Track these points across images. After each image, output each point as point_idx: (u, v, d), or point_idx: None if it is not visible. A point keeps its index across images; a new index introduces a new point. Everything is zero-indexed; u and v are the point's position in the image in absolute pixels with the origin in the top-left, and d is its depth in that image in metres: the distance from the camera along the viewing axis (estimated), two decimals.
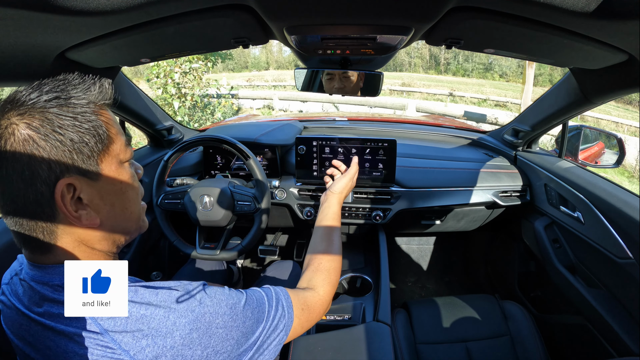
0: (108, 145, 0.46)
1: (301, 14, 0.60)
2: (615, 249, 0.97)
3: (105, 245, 0.48)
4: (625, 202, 0.96)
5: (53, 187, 0.41)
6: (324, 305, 0.70)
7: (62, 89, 0.43)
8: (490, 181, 1.33)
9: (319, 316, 0.68)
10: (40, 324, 0.42)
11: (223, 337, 0.46)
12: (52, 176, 0.41)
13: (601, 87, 0.89)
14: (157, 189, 1.15)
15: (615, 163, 1.20)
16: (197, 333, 0.44)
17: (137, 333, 0.41)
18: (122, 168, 0.49)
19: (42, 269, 0.44)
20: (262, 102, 10.94)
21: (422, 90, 14.59)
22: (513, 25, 0.60)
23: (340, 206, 0.95)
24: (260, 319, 0.53)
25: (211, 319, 0.45)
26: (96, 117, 0.45)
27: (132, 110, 1.22)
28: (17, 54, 0.64)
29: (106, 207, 0.47)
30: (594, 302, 1.05)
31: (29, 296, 0.44)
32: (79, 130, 0.43)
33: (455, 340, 1.14)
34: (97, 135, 0.44)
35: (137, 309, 0.42)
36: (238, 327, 0.48)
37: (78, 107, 0.43)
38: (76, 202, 0.44)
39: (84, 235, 0.46)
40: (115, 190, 0.48)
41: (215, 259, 1.13)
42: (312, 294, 0.69)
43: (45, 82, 0.44)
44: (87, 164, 0.44)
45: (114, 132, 0.47)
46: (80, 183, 0.43)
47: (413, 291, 1.89)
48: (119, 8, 0.51)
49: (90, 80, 0.46)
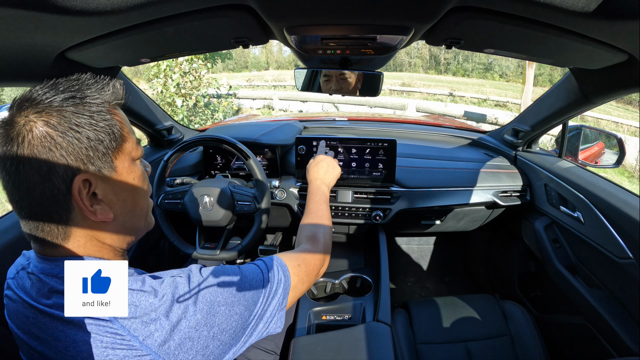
0: (121, 143, 0.48)
1: (301, 14, 0.60)
2: (615, 249, 0.97)
3: (115, 240, 0.50)
4: (625, 202, 0.96)
5: (70, 183, 0.43)
6: (320, 259, 0.72)
7: (77, 89, 0.45)
8: (490, 181, 1.33)
9: (318, 269, 0.71)
10: (49, 315, 0.43)
11: (226, 314, 0.48)
12: (70, 172, 0.43)
13: (601, 87, 0.89)
14: (157, 189, 1.15)
15: (615, 163, 1.20)
16: (201, 314, 0.45)
17: (145, 317, 0.42)
18: (134, 165, 0.51)
19: (52, 261, 0.45)
20: (262, 102, 10.94)
21: (422, 90, 14.59)
22: (513, 25, 0.60)
23: (325, 192, 0.97)
24: (258, 288, 0.54)
25: (212, 298, 0.47)
26: (111, 117, 0.47)
27: (133, 110, 1.22)
28: (17, 54, 0.64)
29: (119, 203, 0.49)
30: (594, 302, 1.05)
31: (37, 288, 0.45)
32: (95, 128, 0.44)
33: (455, 340, 1.14)
34: (112, 133, 0.46)
35: (145, 297, 0.44)
36: (239, 301, 0.50)
37: (94, 106, 0.45)
38: (91, 198, 0.45)
39: (96, 230, 0.47)
40: (127, 186, 0.50)
41: (215, 259, 1.13)
42: (305, 250, 0.72)
43: (59, 81, 0.46)
44: (103, 160, 0.46)
45: (127, 130, 0.49)
46: (96, 179, 0.45)
47: (413, 291, 1.89)
48: (119, 8, 0.51)
49: (103, 81, 0.48)
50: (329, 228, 0.85)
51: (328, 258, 0.78)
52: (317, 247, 0.75)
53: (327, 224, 0.85)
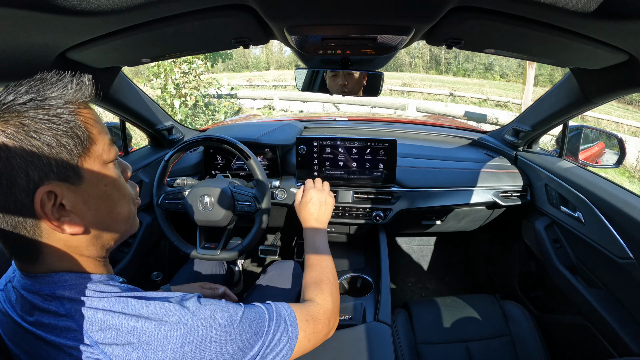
0: (89, 146, 0.43)
1: (301, 14, 0.60)
2: (615, 249, 0.97)
3: (93, 250, 0.47)
4: (625, 202, 0.96)
5: (32, 195, 0.39)
6: (329, 316, 0.68)
7: (37, 90, 0.41)
8: (490, 181, 1.33)
9: (326, 328, 0.66)
10: (32, 334, 0.41)
11: (217, 352, 0.44)
12: (31, 184, 0.39)
13: (601, 87, 0.89)
14: (158, 189, 1.15)
15: (616, 163, 1.20)
16: (189, 347, 0.42)
17: (127, 346, 0.40)
18: (106, 169, 0.46)
19: (33, 277, 0.43)
20: (262, 102, 10.93)
21: (422, 91, 14.57)
22: (513, 25, 0.60)
23: (324, 233, 0.87)
24: (259, 332, 0.51)
25: (204, 332, 0.44)
26: (74, 118, 0.42)
27: (133, 110, 1.22)
28: (17, 54, 0.64)
29: (90, 212, 0.45)
30: (594, 302, 1.05)
31: (20, 304, 0.44)
32: (55, 133, 0.40)
33: (455, 340, 1.14)
34: (76, 136, 0.42)
35: (127, 321, 0.41)
36: (234, 340, 0.47)
37: (54, 108, 0.41)
38: (59, 209, 0.42)
39: (71, 242, 0.44)
40: (99, 193, 0.46)
41: (216, 259, 1.13)
42: (314, 305, 0.67)
43: (22, 82, 0.41)
44: (67, 168, 0.41)
45: (95, 131, 0.44)
46: (62, 189, 0.41)
47: (413, 291, 1.89)
48: (119, 8, 0.51)
49: (68, 78, 0.43)
50: (335, 277, 0.78)
51: (337, 314, 0.72)
52: (327, 302, 0.70)
53: (332, 274, 0.77)
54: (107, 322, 0.41)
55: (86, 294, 0.43)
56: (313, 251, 0.83)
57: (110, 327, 0.40)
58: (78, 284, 0.44)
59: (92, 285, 0.44)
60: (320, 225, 0.88)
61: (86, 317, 0.41)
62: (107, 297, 0.43)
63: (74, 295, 0.42)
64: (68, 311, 0.41)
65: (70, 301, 0.42)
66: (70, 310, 0.41)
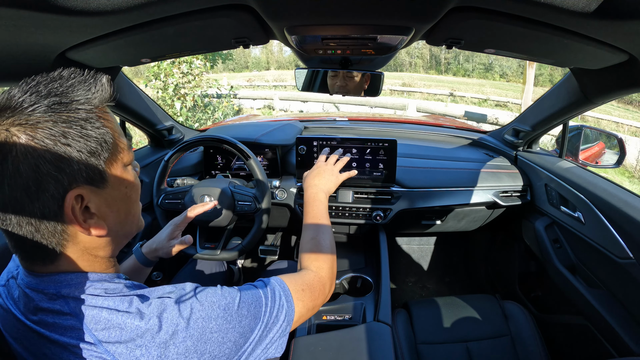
0: (113, 151, 0.44)
1: (301, 14, 0.60)
2: (615, 249, 0.97)
3: (108, 251, 0.48)
4: (625, 202, 0.96)
5: (62, 200, 0.40)
6: (324, 282, 0.68)
7: (61, 92, 0.40)
8: (490, 181, 1.33)
9: (322, 295, 0.66)
10: (35, 332, 0.42)
11: (219, 342, 0.45)
12: (61, 189, 0.39)
13: (602, 87, 0.89)
14: (158, 189, 1.15)
15: (616, 163, 1.20)
16: (191, 341, 0.42)
17: (130, 344, 0.40)
18: (126, 172, 0.47)
19: (39, 276, 0.43)
20: (262, 102, 10.93)
21: (422, 91, 14.57)
22: (513, 25, 0.60)
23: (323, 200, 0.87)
24: (257, 315, 0.51)
25: (204, 324, 0.44)
26: (102, 124, 0.43)
27: (133, 110, 1.22)
28: (17, 54, 0.64)
29: (112, 214, 0.46)
30: (594, 302, 1.05)
31: (24, 302, 0.44)
32: (87, 140, 0.41)
33: (455, 341, 1.14)
34: (105, 142, 0.43)
35: (131, 319, 0.41)
36: (234, 328, 0.47)
37: (82, 112, 0.41)
38: (84, 212, 0.42)
39: (90, 244, 0.45)
40: (120, 195, 0.47)
41: (216, 259, 1.13)
42: (309, 273, 0.67)
43: (39, 81, 0.40)
44: (95, 172, 0.42)
45: (117, 135, 0.46)
46: (88, 193, 0.42)
47: (414, 291, 1.89)
48: (119, 8, 0.51)
49: (90, 79, 0.43)
50: (332, 243, 0.78)
51: (334, 279, 0.72)
52: (322, 269, 0.70)
53: (329, 240, 0.77)
54: (112, 321, 0.41)
55: (91, 293, 0.43)
56: (310, 217, 0.82)
57: (115, 326, 0.41)
58: (83, 282, 0.44)
59: (97, 284, 0.44)
60: (319, 192, 0.87)
61: (90, 315, 0.41)
62: (112, 296, 0.43)
63: (79, 294, 0.43)
64: (72, 310, 0.42)
65: (75, 300, 0.42)
66: (75, 309, 0.42)
